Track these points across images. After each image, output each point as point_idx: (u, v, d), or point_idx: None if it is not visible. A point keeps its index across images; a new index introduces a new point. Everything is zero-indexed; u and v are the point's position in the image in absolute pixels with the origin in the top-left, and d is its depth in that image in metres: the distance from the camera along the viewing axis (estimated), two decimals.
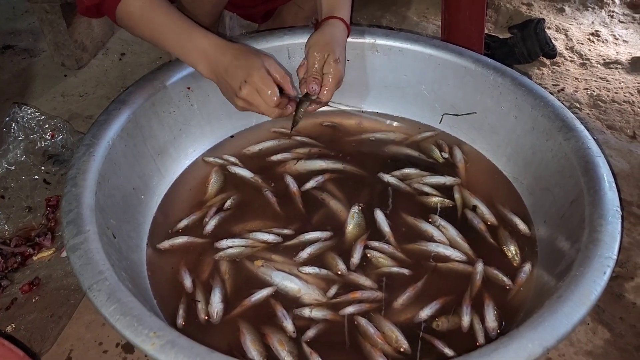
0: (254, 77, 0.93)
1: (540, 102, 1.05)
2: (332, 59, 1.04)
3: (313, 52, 1.04)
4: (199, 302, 0.89)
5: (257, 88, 0.94)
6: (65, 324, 0.97)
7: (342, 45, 1.09)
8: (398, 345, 0.84)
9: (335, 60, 1.04)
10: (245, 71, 0.94)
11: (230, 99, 1.00)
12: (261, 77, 0.94)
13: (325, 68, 1.04)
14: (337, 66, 1.04)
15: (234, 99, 0.98)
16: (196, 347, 0.66)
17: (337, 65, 1.04)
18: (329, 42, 1.05)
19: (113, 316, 0.69)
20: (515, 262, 0.96)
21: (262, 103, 0.96)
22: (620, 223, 0.82)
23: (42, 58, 1.71)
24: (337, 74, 1.05)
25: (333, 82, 1.05)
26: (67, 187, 0.86)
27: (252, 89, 0.94)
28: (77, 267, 0.75)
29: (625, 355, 0.95)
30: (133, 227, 0.98)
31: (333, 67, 1.04)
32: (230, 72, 0.95)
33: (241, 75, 0.94)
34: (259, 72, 0.94)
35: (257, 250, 0.97)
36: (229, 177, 1.12)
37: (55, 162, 1.26)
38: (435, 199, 1.06)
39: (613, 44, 1.83)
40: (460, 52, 1.17)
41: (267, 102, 0.95)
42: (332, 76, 1.04)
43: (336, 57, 1.04)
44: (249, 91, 0.94)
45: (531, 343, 0.66)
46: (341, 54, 1.07)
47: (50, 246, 1.10)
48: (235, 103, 0.99)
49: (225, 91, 1.00)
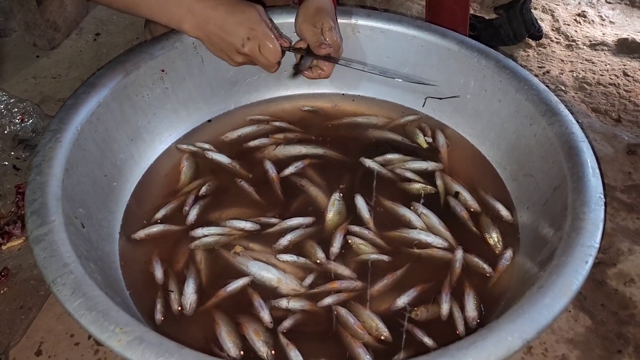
0: (258, 32, 0.90)
1: (525, 85, 1.03)
2: (327, 27, 1.00)
3: (307, 27, 1.00)
4: (172, 292, 0.87)
5: (261, 44, 0.91)
6: (35, 315, 0.94)
7: (332, 13, 1.05)
8: (378, 334, 0.82)
9: (330, 28, 1.00)
10: (246, 27, 0.91)
11: (226, 55, 0.96)
12: (264, 32, 0.91)
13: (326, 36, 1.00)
14: (333, 34, 1.01)
15: (232, 56, 0.95)
16: (165, 342, 0.64)
17: (333, 34, 1.01)
18: (318, 12, 1.01)
19: (78, 311, 0.66)
20: (497, 249, 0.95)
21: (263, 60, 0.94)
22: (603, 211, 0.80)
23: (13, 38, 1.65)
24: (335, 42, 1.01)
25: (334, 51, 1.01)
26: (31, 175, 0.82)
27: (256, 45, 0.91)
28: (41, 259, 0.71)
29: (606, 342, 0.94)
30: (105, 215, 0.95)
31: (330, 36, 1.00)
32: (229, 29, 0.91)
33: (242, 32, 0.91)
34: (261, 27, 0.91)
35: (234, 238, 0.94)
36: (202, 164, 1.08)
37: (25, 147, 1.22)
38: (418, 186, 1.04)
39: (599, 25, 1.81)
40: (444, 33, 1.14)
41: (270, 59, 0.93)
42: (332, 45, 1.00)
43: (330, 25, 1.01)
44: (252, 47, 0.92)
45: (510, 336, 0.64)
46: (334, 21, 1.03)
47: (20, 235, 1.06)
48: (234, 59, 0.95)
49: (220, 48, 0.96)
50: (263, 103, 1.22)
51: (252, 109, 1.21)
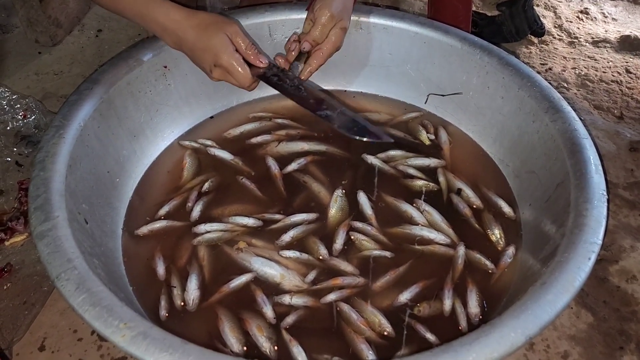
0: (223, 60, 0.90)
1: (528, 82, 1.02)
2: (340, 26, 1.00)
3: (325, 13, 0.98)
4: (175, 287, 0.87)
5: (229, 71, 0.91)
6: (38, 311, 0.94)
7: (350, 14, 1.04)
8: (382, 329, 0.83)
9: (343, 28, 1.00)
10: (211, 55, 0.91)
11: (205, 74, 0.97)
12: (229, 60, 0.90)
13: (332, 32, 0.99)
14: (342, 35, 1.00)
15: (209, 75, 0.95)
16: (169, 338, 0.64)
17: (342, 35, 1.00)
18: (342, 9, 1.00)
19: (82, 307, 0.66)
20: (500, 245, 0.95)
21: (235, 82, 0.94)
22: (606, 207, 0.80)
23: (15, 34, 1.64)
24: (338, 43, 1.01)
25: (331, 49, 1.01)
26: (35, 171, 0.82)
27: (223, 71, 0.92)
28: (45, 255, 0.72)
29: (608, 339, 0.94)
30: (107, 211, 0.95)
31: (338, 35, 1.00)
32: (198, 55, 0.92)
33: (209, 59, 0.91)
34: (226, 55, 0.90)
35: (236, 234, 0.95)
36: (205, 160, 1.08)
37: (27, 143, 1.22)
38: (420, 183, 1.04)
39: (602, 22, 1.80)
40: (446, 30, 1.13)
41: (240, 82, 0.93)
42: (333, 44, 1.00)
43: (345, 25, 1.00)
44: (221, 73, 0.93)
45: (514, 332, 0.64)
46: (348, 24, 1.03)
47: (23, 231, 1.06)
48: (211, 77, 0.96)
49: (199, 66, 0.97)
50: (265, 100, 1.22)
51: (254, 105, 1.21)
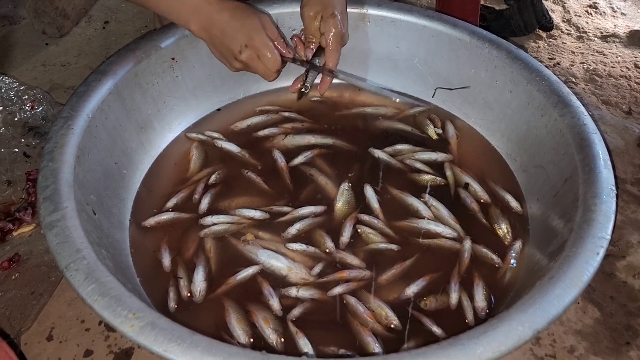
0: (256, 41, 0.88)
1: (536, 76, 1.02)
2: (328, 14, 0.96)
3: (307, 11, 0.98)
4: (181, 278, 0.87)
5: (259, 53, 0.89)
6: (46, 301, 0.95)
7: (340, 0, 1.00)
8: (388, 322, 0.83)
9: (331, 14, 0.96)
10: (245, 34, 0.89)
11: (226, 60, 0.95)
12: (263, 41, 0.89)
13: (323, 27, 0.97)
14: (334, 22, 0.96)
15: (231, 61, 0.93)
16: (177, 328, 0.64)
17: (335, 21, 0.97)
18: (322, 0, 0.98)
19: (91, 296, 0.67)
20: (507, 240, 0.95)
21: (262, 67, 0.92)
22: (614, 202, 0.80)
23: (23, 25, 1.65)
24: (336, 31, 0.97)
25: (335, 42, 0.98)
26: (43, 162, 0.82)
27: (254, 53, 0.90)
28: (54, 245, 0.72)
29: (615, 334, 0.94)
30: (115, 203, 0.95)
31: (331, 23, 0.96)
32: (229, 34, 0.90)
33: (241, 39, 0.89)
34: (260, 36, 0.89)
35: (243, 227, 0.95)
36: (212, 152, 1.08)
37: (35, 134, 1.22)
38: (427, 177, 1.03)
39: (611, 17, 1.79)
40: (454, 23, 1.13)
41: (268, 67, 0.91)
42: (332, 35, 0.97)
43: (331, 11, 0.97)
44: (250, 56, 0.90)
45: (521, 325, 0.64)
46: (338, 7, 0.98)
47: (30, 221, 1.07)
48: (231, 64, 0.94)
49: (220, 52, 0.95)
50: (272, 92, 1.22)
51: (261, 98, 1.21)
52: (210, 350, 0.62)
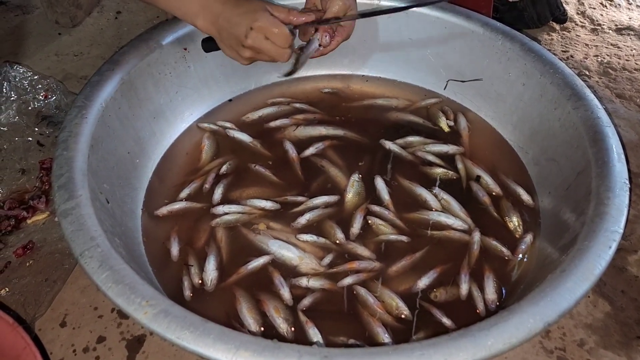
0: (259, 20, 0.87)
1: (550, 68, 1.01)
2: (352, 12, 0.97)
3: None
4: (192, 266, 0.88)
5: (265, 32, 0.87)
6: (59, 288, 0.96)
7: None
8: (399, 312, 0.83)
9: None
10: (248, 17, 0.88)
11: (236, 52, 0.93)
12: (266, 18, 0.87)
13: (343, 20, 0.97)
14: (353, 22, 0.98)
15: (240, 51, 0.92)
16: (190, 316, 0.65)
17: (354, 22, 0.99)
18: None
19: (105, 284, 0.68)
20: (518, 233, 0.95)
21: (272, 47, 0.89)
22: (628, 196, 0.79)
23: (36, 15, 1.66)
24: (351, 29, 0.99)
25: (344, 35, 0.99)
26: (58, 151, 0.83)
27: (259, 34, 0.88)
28: (69, 232, 0.73)
29: (625, 328, 0.94)
30: (127, 192, 0.96)
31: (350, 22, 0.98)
32: (234, 21, 0.89)
33: (245, 23, 0.88)
34: (263, 15, 0.87)
35: (254, 217, 0.95)
36: (223, 143, 1.09)
37: (49, 123, 1.23)
38: (439, 170, 1.03)
39: (626, 9, 1.77)
40: (468, 15, 1.12)
41: (277, 44, 0.89)
42: (346, 30, 0.98)
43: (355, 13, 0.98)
44: (256, 37, 0.88)
45: (532, 318, 0.64)
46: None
47: (44, 209, 1.08)
48: (241, 55, 0.93)
49: (229, 45, 0.93)
50: (284, 83, 1.22)
51: (272, 89, 1.21)
52: (222, 338, 0.63)
